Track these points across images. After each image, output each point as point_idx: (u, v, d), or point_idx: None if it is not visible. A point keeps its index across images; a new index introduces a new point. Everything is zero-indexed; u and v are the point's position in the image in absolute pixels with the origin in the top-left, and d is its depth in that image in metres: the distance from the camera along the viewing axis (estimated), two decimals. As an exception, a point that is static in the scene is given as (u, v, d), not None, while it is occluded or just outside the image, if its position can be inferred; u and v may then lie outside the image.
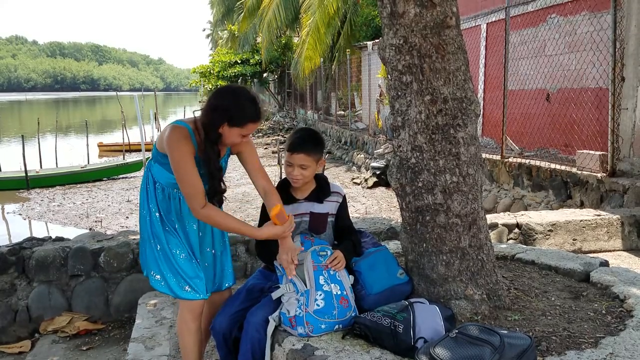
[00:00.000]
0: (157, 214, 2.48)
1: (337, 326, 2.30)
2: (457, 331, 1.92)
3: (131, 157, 16.09)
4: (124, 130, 18.36)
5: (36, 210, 10.94)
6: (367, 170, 12.44)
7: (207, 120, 2.33)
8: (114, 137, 24.51)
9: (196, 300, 2.48)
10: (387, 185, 11.33)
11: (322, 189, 2.67)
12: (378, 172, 11.51)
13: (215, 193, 2.46)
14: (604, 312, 2.47)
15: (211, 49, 60.25)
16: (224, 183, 2.53)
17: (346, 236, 2.68)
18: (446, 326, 2.13)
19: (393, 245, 3.36)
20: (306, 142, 2.57)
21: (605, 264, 3.11)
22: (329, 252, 2.45)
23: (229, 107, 2.30)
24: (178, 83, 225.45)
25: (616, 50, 6.03)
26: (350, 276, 2.48)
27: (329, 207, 2.67)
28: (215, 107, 2.32)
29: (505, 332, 1.94)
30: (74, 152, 19.13)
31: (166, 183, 2.46)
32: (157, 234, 2.47)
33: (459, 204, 2.48)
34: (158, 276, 2.48)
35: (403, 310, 2.17)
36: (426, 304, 2.26)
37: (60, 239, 4.44)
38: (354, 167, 14.24)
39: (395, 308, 2.20)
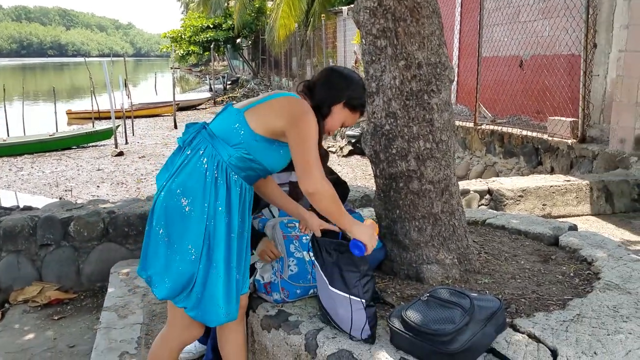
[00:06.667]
0: (230, 218, 2.04)
1: (312, 290, 2.31)
2: (428, 294, 1.94)
3: (101, 125, 15.73)
4: (93, 98, 17.88)
5: (4, 180, 10.67)
6: (342, 139, 12.42)
7: (325, 95, 2.16)
8: (83, 105, 23.87)
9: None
10: (362, 153, 11.34)
11: None
12: (353, 141, 11.50)
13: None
14: (572, 274, 2.53)
15: (182, 13, 58.73)
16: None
17: None
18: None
19: (367, 212, 3.37)
20: None
21: (574, 228, 3.17)
22: (297, 224, 2.40)
23: (350, 87, 2.19)
24: (148, 48, 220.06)
25: (589, 16, 6.06)
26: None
27: None
28: (337, 84, 2.19)
29: (475, 295, 1.97)
30: (42, 119, 18.62)
31: (272, 168, 2.12)
32: (224, 245, 2.01)
33: (432, 170, 2.49)
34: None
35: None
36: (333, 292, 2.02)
37: (28, 208, 4.34)
38: (328, 136, 14.19)
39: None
